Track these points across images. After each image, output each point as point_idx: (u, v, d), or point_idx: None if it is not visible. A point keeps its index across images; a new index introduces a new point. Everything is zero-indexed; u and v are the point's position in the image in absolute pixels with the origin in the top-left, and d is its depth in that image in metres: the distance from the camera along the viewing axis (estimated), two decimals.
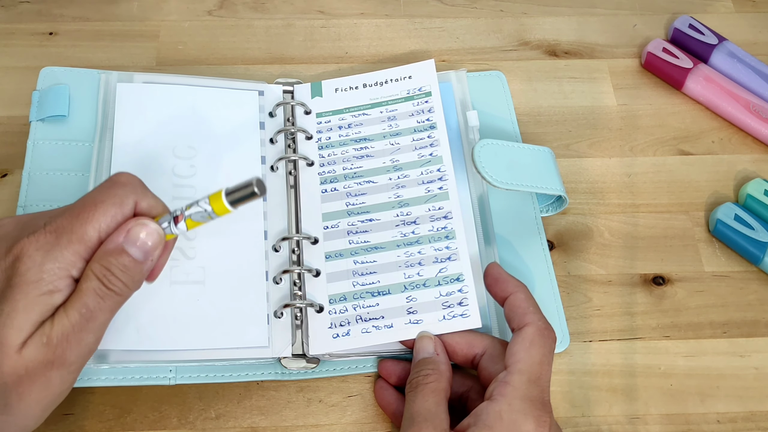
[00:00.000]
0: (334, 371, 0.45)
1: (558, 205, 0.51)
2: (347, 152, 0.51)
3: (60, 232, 0.36)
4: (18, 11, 0.58)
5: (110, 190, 0.37)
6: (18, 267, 0.35)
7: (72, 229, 0.36)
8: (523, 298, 0.42)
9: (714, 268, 0.51)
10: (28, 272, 0.35)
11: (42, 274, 0.35)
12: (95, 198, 0.37)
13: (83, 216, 0.36)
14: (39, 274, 0.35)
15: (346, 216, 0.48)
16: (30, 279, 0.35)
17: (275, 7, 0.61)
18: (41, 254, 0.35)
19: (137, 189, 0.38)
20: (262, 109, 0.52)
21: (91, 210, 0.36)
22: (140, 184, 0.39)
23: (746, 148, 0.56)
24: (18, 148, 0.51)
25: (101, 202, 0.37)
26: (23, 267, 0.35)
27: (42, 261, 0.35)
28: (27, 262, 0.35)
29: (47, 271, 0.35)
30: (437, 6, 0.62)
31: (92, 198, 0.37)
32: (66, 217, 0.36)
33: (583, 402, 0.45)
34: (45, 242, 0.35)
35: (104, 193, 0.37)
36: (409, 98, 0.52)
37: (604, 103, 0.57)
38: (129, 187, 0.38)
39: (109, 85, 0.51)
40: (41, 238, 0.35)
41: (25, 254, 0.35)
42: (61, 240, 0.35)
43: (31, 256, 0.35)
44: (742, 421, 0.45)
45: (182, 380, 0.44)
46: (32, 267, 0.35)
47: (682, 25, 0.60)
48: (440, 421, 0.38)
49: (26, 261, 0.35)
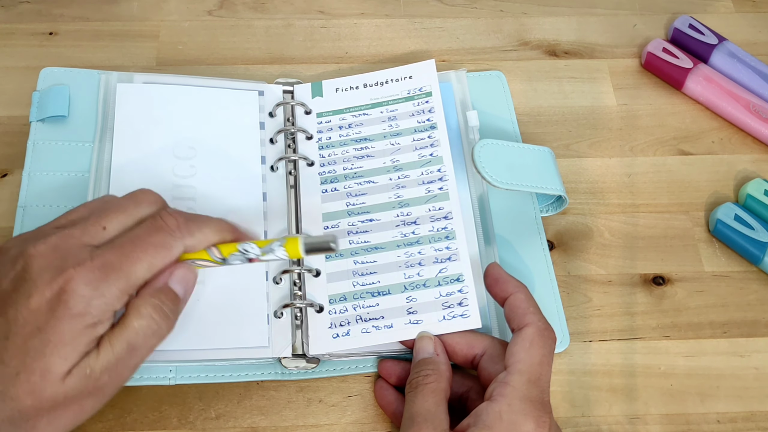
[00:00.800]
0: (334, 371, 0.45)
1: (558, 205, 0.51)
2: (347, 152, 0.51)
3: (108, 269, 0.36)
4: (18, 11, 0.58)
5: (159, 233, 0.38)
6: (65, 300, 0.35)
7: (120, 267, 0.36)
8: (523, 298, 0.42)
9: (714, 268, 0.51)
10: (76, 306, 0.35)
11: (89, 308, 0.35)
12: (146, 239, 0.37)
13: (133, 256, 0.36)
14: (86, 308, 0.35)
15: (346, 216, 0.48)
16: (77, 312, 0.35)
17: (275, 7, 0.61)
18: (89, 290, 0.35)
19: (185, 233, 0.38)
20: (262, 109, 0.52)
21: (141, 251, 0.37)
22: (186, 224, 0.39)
23: (746, 148, 0.56)
24: (18, 148, 0.51)
25: (152, 245, 0.37)
26: (71, 301, 0.35)
27: (90, 296, 0.35)
28: (74, 296, 0.35)
29: (94, 306, 0.35)
30: (437, 6, 0.62)
31: (142, 238, 0.37)
32: (115, 254, 0.36)
33: (583, 402, 0.45)
34: (93, 278, 0.35)
35: (155, 235, 0.37)
36: (409, 98, 0.52)
37: (604, 103, 0.57)
38: (177, 233, 0.38)
39: (109, 85, 0.51)
40: (89, 274, 0.35)
41: (72, 288, 0.35)
42: (109, 277, 0.36)
43: (79, 291, 0.35)
44: (742, 421, 0.45)
45: (182, 380, 0.44)
46: (80, 301, 0.35)
47: (682, 25, 0.60)
48: (440, 422, 0.38)
49: (74, 295, 0.35)
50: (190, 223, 0.39)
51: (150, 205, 0.39)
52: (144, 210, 0.39)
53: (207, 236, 0.39)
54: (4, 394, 0.34)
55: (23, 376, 0.34)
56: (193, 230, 0.38)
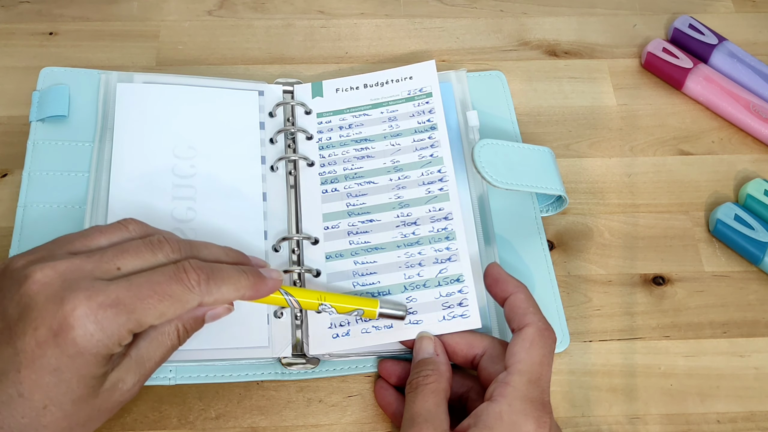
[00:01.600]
0: (334, 371, 0.45)
1: (558, 205, 0.51)
2: (348, 152, 0.51)
3: (119, 309, 0.35)
4: (18, 11, 0.58)
5: (179, 286, 0.36)
6: (72, 337, 0.34)
7: (132, 309, 0.35)
8: (523, 298, 0.42)
9: (714, 268, 0.51)
10: (83, 342, 0.34)
11: (97, 346, 0.34)
12: (164, 288, 0.36)
13: (147, 302, 0.35)
14: (94, 345, 0.34)
15: (346, 216, 0.48)
16: (83, 348, 0.34)
17: (275, 7, 0.61)
18: (95, 328, 0.34)
19: (204, 291, 0.37)
20: (262, 109, 0.52)
21: (157, 299, 0.35)
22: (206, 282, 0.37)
23: (746, 148, 0.56)
24: (18, 148, 0.51)
25: (168, 296, 0.36)
26: (78, 338, 0.34)
27: (95, 334, 0.34)
28: (80, 333, 0.34)
29: (101, 345, 0.34)
30: (437, 6, 0.62)
31: (161, 286, 0.36)
32: (128, 294, 0.35)
33: (583, 402, 0.45)
34: (103, 317, 0.34)
35: (174, 286, 0.36)
36: (409, 99, 0.52)
37: (604, 103, 0.57)
38: (196, 290, 0.37)
39: (109, 85, 0.51)
40: (99, 312, 0.34)
41: (79, 324, 0.34)
42: (119, 317, 0.34)
43: (85, 328, 0.34)
44: (742, 421, 0.45)
45: (182, 380, 0.44)
46: (86, 339, 0.34)
47: (682, 25, 0.60)
48: (440, 422, 0.38)
49: (79, 331, 0.34)
50: (210, 281, 0.37)
51: (167, 256, 0.38)
52: (160, 260, 0.38)
53: (225, 294, 0.38)
54: (38, 423, 0.34)
55: (52, 409, 0.34)
56: (212, 289, 0.37)
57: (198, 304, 0.37)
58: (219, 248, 0.41)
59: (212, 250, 0.40)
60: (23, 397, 0.34)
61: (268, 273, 0.41)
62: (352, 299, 0.43)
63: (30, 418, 0.34)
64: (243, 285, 0.39)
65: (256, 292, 0.40)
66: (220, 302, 0.38)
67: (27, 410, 0.34)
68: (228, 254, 0.41)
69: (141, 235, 0.39)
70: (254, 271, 0.40)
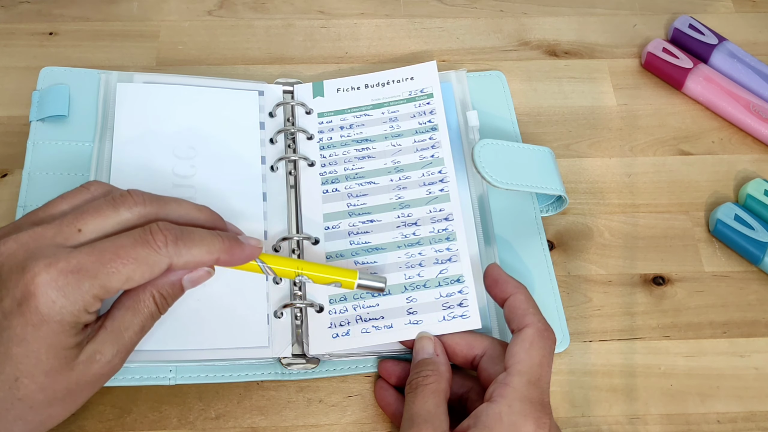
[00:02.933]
0: (334, 371, 0.45)
1: (558, 205, 0.51)
2: (348, 153, 0.51)
3: (81, 275, 0.34)
4: (18, 11, 0.58)
5: (144, 248, 0.35)
6: (35, 305, 0.33)
7: (95, 274, 0.34)
8: (523, 299, 0.42)
9: (714, 268, 0.51)
10: (47, 311, 0.33)
11: (62, 314, 0.34)
12: (129, 251, 0.35)
13: (111, 266, 0.34)
14: (59, 313, 0.34)
15: (347, 217, 0.48)
16: (48, 316, 0.34)
17: (275, 7, 0.61)
18: (58, 295, 0.33)
19: (172, 252, 0.36)
20: (262, 109, 0.52)
21: (121, 263, 0.35)
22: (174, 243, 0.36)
23: (746, 148, 0.56)
24: (18, 148, 0.51)
25: (134, 259, 0.35)
26: (41, 306, 0.33)
27: (59, 302, 0.34)
28: (43, 300, 0.33)
29: (66, 312, 0.34)
30: (437, 6, 0.62)
31: (125, 249, 0.35)
32: (91, 259, 0.34)
33: (583, 402, 0.45)
34: (63, 282, 0.34)
35: (140, 248, 0.35)
36: (410, 99, 0.52)
37: (604, 103, 0.57)
38: (164, 251, 0.36)
39: (109, 85, 0.51)
40: (59, 278, 0.34)
41: (41, 291, 0.33)
42: (81, 283, 0.34)
43: (48, 295, 0.33)
44: (742, 421, 0.45)
45: (182, 380, 0.44)
46: (50, 306, 0.33)
47: (682, 25, 0.60)
48: (440, 423, 0.38)
49: (42, 298, 0.33)
50: (179, 241, 0.36)
51: (130, 208, 0.37)
52: (124, 215, 0.37)
53: (196, 257, 0.37)
54: (12, 396, 0.34)
55: (25, 381, 0.34)
56: (181, 250, 0.36)
57: (167, 266, 0.36)
58: (192, 206, 0.39)
59: (184, 207, 0.39)
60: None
61: (245, 239, 0.40)
62: (330, 269, 0.43)
63: (4, 392, 0.34)
64: (216, 248, 0.38)
65: (230, 256, 0.38)
66: (192, 265, 0.37)
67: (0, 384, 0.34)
68: (202, 212, 0.39)
69: (103, 194, 0.38)
70: (230, 236, 0.39)
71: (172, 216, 0.38)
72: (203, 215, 0.40)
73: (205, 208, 0.40)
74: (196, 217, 0.39)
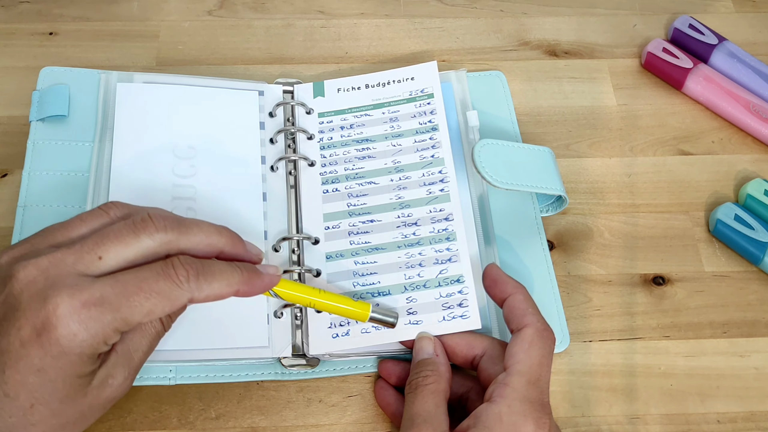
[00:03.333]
0: (334, 371, 0.45)
1: (558, 205, 0.51)
2: (349, 153, 0.51)
3: (104, 308, 0.33)
4: (18, 11, 0.58)
5: (167, 282, 0.35)
6: (56, 337, 0.33)
7: (118, 308, 0.34)
8: (522, 299, 0.42)
9: (714, 268, 0.51)
10: (67, 343, 0.33)
11: (82, 346, 0.33)
12: (152, 285, 0.35)
13: (134, 300, 0.34)
14: (79, 345, 0.33)
15: (347, 216, 0.48)
16: (68, 349, 0.33)
17: (275, 7, 0.61)
18: (80, 328, 0.33)
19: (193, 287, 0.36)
20: (262, 109, 0.52)
21: (144, 297, 0.34)
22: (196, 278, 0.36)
23: (746, 148, 0.56)
24: (18, 148, 0.51)
25: (156, 293, 0.34)
26: (62, 339, 0.33)
27: (80, 334, 0.33)
28: (64, 333, 0.33)
29: (86, 345, 0.34)
30: (437, 6, 0.62)
31: (148, 283, 0.35)
32: (114, 291, 0.34)
33: (583, 402, 0.45)
34: (87, 316, 0.33)
35: (162, 282, 0.35)
36: (411, 100, 0.52)
37: (604, 103, 0.57)
38: (185, 286, 0.35)
39: (109, 85, 0.51)
40: (83, 311, 0.33)
41: (62, 323, 0.33)
42: (104, 316, 0.33)
43: (69, 327, 0.33)
44: (742, 421, 0.45)
45: (182, 380, 0.44)
46: (70, 339, 0.33)
47: (682, 25, 0.60)
48: (440, 423, 0.38)
49: (63, 331, 0.33)
50: (200, 277, 0.36)
51: (151, 235, 0.36)
52: (145, 242, 0.36)
53: (215, 291, 0.37)
54: (26, 422, 0.34)
55: (39, 408, 0.34)
56: (202, 285, 0.36)
57: (188, 301, 0.36)
58: (212, 228, 0.38)
59: (204, 230, 0.38)
60: (9, 397, 0.33)
61: (264, 269, 0.39)
62: (343, 301, 0.42)
63: (17, 417, 0.34)
64: (236, 281, 0.37)
65: (250, 288, 0.38)
66: (211, 298, 0.37)
67: (14, 410, 0.34)
68: (222, 235, 0.39)
69: (123, 217, 0.37)
70: (249, 268, 0.38)
71: (193, 241, 0.37)
72: (223, 238, 0.39)
73: (224, 229, 0.39)
74: (216, 241, 0.38)
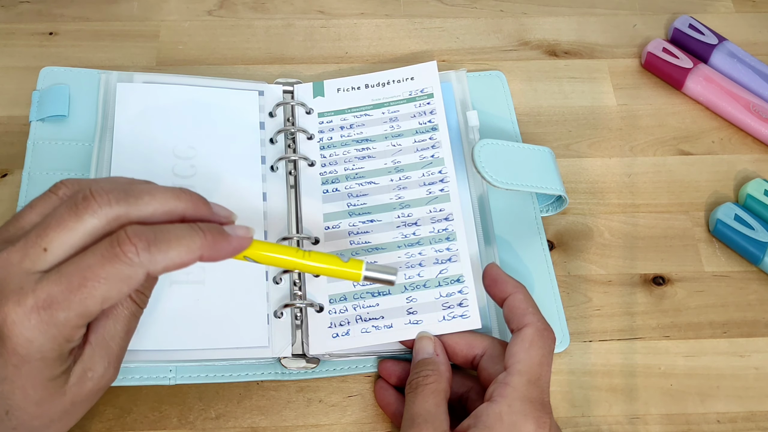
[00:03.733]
0: (334, 371, 0.45)
1: (558, 205, 0.51)
2: (349, 152, 0.51)
3: (54, 309, 0.31)
4: (18, 11, 0.58)
5: (114, 264, 0.31)
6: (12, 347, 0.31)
7: (68, 305, 0.31)
8: (522, 299, 0.42)
9: (714, 268, 0.51)
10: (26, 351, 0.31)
11: (42, 350, 0.31)
12: (98, 271, 0.31)
13: (83, 291, 0.31)
14: (39, 350, 0.31)
15: (347, 217, 0.48)
16: (28, 356, 0.31)
17: (275, 7, 0.61)
18: (35, 333, 0.31)
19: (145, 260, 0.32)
20: (262, 109, 0.52)
21: (92, 286, 0.31)
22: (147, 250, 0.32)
23: (746, 148, 0.56)
24: (18, 148, 0.51)
25: (104, 278, 0.31)
26: (19, 348, 0.31)
27: (37, 340, 0.31)
28: (20, 342, 0.31)
29: (46, 348, 0.31)
30: (437, 6, 0.62)
31: (94, 269, 0.31)
32: (60, 288, 0.31)
33: (583, 402, 0.45)
34: (38, 321, 0.31)
35: (109, 266, 0.31)
36: (411, 99, 0.52)
37: (604, 103, 0.57)
38: (136, 260, 0.32)
39: (109, 85, 0.51)
40: (32, 316, 0.31)
41: (16, 333, 0.31)
42: (56, 317, 0.31)
43: (24, 335, 0.31)
44: (742, 421, 0.45)
45: (182, 380, 0.44)
46: (28, 346, 0.31)
47: (682, 25, 0.60)
48: (440, 423, 0.38)
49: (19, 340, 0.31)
50: (152, 247, 0.32)
51: (95, 213, 0.32)
52: (90, 222, 0.32)
53: (175, 259, 0.32)
54: (6, 427, 0.33)
55: (16, 413, 0.33)
56: (156, 257, 0.32)
57: (144, 276, 0.32)
58: (168, 193, 0.34)
59: (159, 197, 0.33)
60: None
61: (232, 230, 0.35)
62: (332, 260, 0.39)
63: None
64: (197, 245, 0.33)
65: (215, 252, 0.34)
66: (172, 268, 0.33)
67: None
68: (180, 199, 0.34)
69: (71, 197, 0.33)
70: (213, 229, 0.34)
71: (146, 211, 0.33)
72: (182, 202, 0.34)
73: (183, 192, 0.35)
74: (174, 207, 0.34)
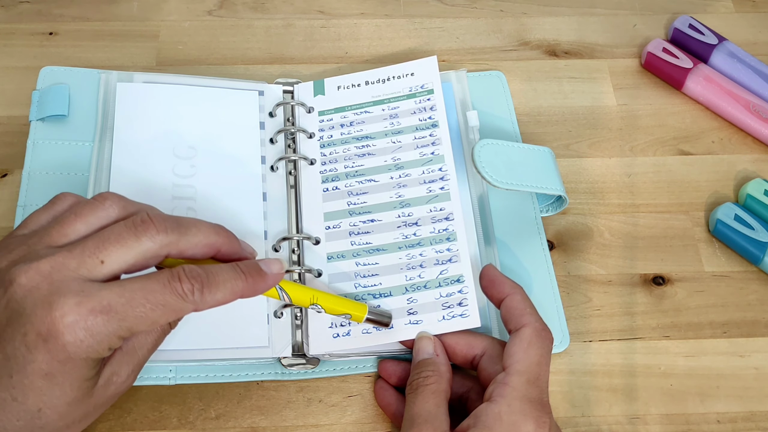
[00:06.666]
0: (334, 371, 0.45)
1: (558, 205, 0.51)
2: (349, 150, 0.51)
3: (110, 317, 0.33)
4: (18, 11, 0.58)
5: (173, 297, 0.35)
6: (62, 343, 0.33)
7: (124, 318, 0.34)
8: (520, 299, 0.42)
9: (714, 268, 0.51)
10: (74, 349, 0.33)
11: (88, 351, 0.33)
12: (158, 298, 0.34)
13: (140, 310, 0.34)
14: (85, 350, 0.33)
15: (347, 216, 0.48)
16: (74, 354, 0.33)
17: (275, 7, 0.61)
18: (86, 334, 0.33)
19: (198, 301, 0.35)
20: (262, 109, 0.52)
21: (150, 309, 0.34)
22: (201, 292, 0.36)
23: (746, 148, 0.56)
24: (18, 148, 0.51)
25: (161, 306, 0.34)
26: (69, 346, 0.33)
27: (86, 341, 0.33)
28: (71, 340, 0.33)
29: (91, 350, 0.34)
30: (437, 6, 0.62)
31: (155, 296, 0.34)
32: (120, 301, 0.34)
33: (583, 402, 0.45)
34: (93, 323, 0.33)
35: (168, 297, 0.35)
36: (411, 96, 0.52)
37: (604, 103, 0.57)
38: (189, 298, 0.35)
39: (109, 85, 0.51)
40: (90, 318, 0.33)
41: (69, 330, 0.33)
42: (110, 325, 0.33)
43: (75, 334, 0.33)
44: (742, 421, 0.45)
45: (182, 380, 0.44)
46: (76, 345, 0.33)
47: (682, 25, 0.60)
48: (440, 423, 0.38)
49: (70, 337, 0.33)
50: (205, 290, 0.35)
51: (152, 238, 0.35)
52: (146, 244, 0.35)
53: (219, 300, 0.36)
54: (33, 425, 0.34)
55: (47, 411, 0.34)
56: (206, 298, 0.36)
57: (191, 311, 0.36)
58: (210, 229, 0.38)
59: (203, 230, 0.37)
60: (17, 401, 0.33)
61: (267, 267, 0.39)
62: (342, 302, 0.43)
63: (25, 421, 0.34)
64: (239, 287, 0.37)
65: (253, 291, 0.38)
66: (213, 306, 0.36)
67: (22, 413, 0.34)
68: (219, 235, 0.38)
69: (120, 213, 0.37)
70: (252, 269, 0.38)
71: (192, 242, 0.37)
72: (221, 238, 0.38)
73: (221, 228, 0.39)
74: (214, 241, 0.38)
